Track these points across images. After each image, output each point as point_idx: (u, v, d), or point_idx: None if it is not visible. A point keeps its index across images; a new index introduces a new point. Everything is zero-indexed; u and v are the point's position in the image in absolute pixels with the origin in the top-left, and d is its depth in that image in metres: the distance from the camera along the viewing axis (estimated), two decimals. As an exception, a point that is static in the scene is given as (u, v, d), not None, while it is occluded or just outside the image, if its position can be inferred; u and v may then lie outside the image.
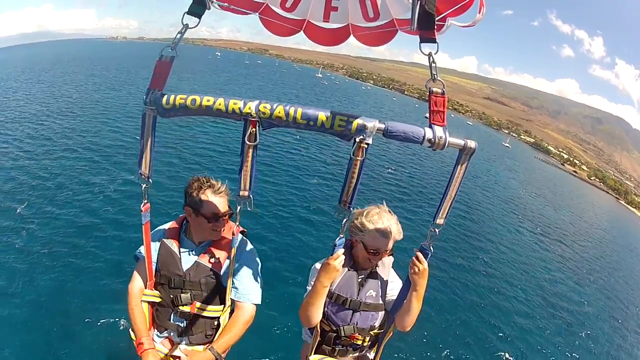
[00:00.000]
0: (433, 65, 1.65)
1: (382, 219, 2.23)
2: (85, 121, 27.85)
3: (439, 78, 1.64)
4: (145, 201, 2.18)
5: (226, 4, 2.01)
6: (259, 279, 2.52)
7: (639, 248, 47.66)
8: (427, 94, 1.64)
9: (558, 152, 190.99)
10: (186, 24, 1.80)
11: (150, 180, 2.04)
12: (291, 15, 2.30)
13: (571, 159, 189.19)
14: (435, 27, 1.64)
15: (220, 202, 2.33)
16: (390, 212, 2.30)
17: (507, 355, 13.29)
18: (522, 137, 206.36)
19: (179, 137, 30.57)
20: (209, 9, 1.82)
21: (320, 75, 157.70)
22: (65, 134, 24.32)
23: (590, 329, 17.01)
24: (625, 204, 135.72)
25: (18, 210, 14.06)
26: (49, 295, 10.79)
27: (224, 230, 2.45)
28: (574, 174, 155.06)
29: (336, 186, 24.76)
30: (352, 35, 2.35)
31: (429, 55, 1.64)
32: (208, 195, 2.29)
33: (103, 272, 11.60)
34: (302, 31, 2.40)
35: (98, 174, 18.46)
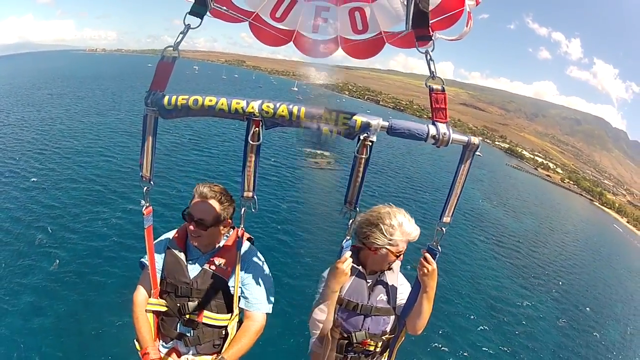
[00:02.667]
0: (431, 62, 1.69)
1: (410, 220, 2.19)
2: (82, 147, 29.57)
3: (438, 75, 1.67)
4: (147, 204, 2.13)
5: (224, 7, 2.07)
6: (268, 288, 2.48)
7: (605, 250, 47.97)
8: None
9: (532, 157, 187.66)
10: (188, 25, 1.80)
11: (151, 182, 2.02)
12: (281, 26, 2.38)
13: (546, 162, 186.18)
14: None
15: (203, 206, 2.26)
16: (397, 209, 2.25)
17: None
18: (496, 143, 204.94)
19: (180, 138, 31.22)
20: (211, 9, 1.83)
21: (295, 89, 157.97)
22: (67, 161, 26.15)
23: (531, 331, 18.69)
24: (599, 206, 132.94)
25: (39, 237, 16.19)
26: (71, 309, 13.15)
27: (223, 236, 2.48)
28: (547, 178, 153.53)
29: (340, 189, 25.11)
30: (340, 47, 2.45)
31: (426, 53, 1.69)
32: (194, 198, 2.29)
33: (116, 287, 13.67)
34: (291, 42, 2.49)
35: (102, 200, 20.61)
